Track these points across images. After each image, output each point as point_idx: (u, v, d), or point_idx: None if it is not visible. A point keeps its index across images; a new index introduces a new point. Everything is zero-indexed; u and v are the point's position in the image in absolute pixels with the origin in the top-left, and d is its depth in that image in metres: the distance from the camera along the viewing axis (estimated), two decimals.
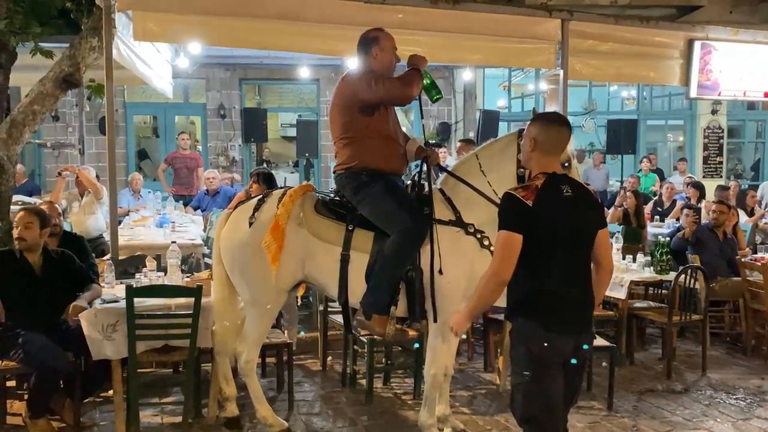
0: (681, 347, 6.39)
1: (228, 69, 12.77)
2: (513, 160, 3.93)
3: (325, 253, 4.07)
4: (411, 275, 3.94)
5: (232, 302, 4.40)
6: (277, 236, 4.03)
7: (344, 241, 4.02)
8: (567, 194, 2.94)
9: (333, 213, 4.13)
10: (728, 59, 7.40)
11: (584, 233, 2.99)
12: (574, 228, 2.93)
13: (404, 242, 3.90)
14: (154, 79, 7.53)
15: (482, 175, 4.01)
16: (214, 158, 12.77)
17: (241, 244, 4.19)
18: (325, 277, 4.13)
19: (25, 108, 5.59)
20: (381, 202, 3.99)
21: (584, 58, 6.74)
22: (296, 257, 4.10)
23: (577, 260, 2.98)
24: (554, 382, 2.89)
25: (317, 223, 4.11)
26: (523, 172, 3.83)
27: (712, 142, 14.39)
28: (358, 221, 4.05)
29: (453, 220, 3.98)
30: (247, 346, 4.28)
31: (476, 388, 5.33)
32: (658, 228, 8.67)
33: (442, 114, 13.43)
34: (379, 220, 4.00)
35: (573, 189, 2.97)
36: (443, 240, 3.93)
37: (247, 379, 4.32)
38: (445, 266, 3.92)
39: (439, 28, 6.09)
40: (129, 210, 8.61)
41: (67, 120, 12.12)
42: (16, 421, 4.51)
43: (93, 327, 4.25)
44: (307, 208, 4.15)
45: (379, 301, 3.96)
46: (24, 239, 4.47)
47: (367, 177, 4.04)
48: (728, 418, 4.82)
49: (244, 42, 6.00)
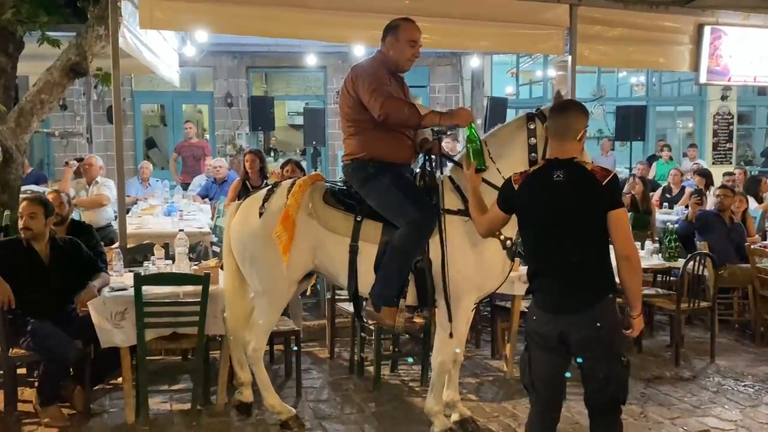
0: (689, 334, 6.38)
1: (235, 57, 12.76)
2: (524, 146, 3.86)
3: (334, 243, 4.05)
4: (420, 266, 3.92)
5: (242, 293, 4.41)
6: (288, 226, 4.01)
7: (353, 232, 4.00)
8: (557, 179, 3.00)
9: (341, 203, 4.10)
10: (739, 44, 7.34)
11: (572, 217, 2.99)
12: (556, 212, 2.99)
13: (412, 235, 3.86)
14: (161, 67, 7.52)
15: (491, 162, 3.93)
16: (221, 147, 12.79)
17: (252, 234, 4.18)
18: (335, 267, 4.11)
19: (33, 97, 5.60)
20: (388, 195, 3.96)
21: (593, 43, 6.69)
22: (306, 247, 4.09)
23: (561, 243, 3.00)
24: (542, 356, 3.08)
25: (326, 213, 4.09)
26: (536, 157, 3.79)
27: (722, 128, 14.29)
28: (366, 212, 4.02)
29: (462, 209, 3.92)
30: (255, 335, 4.28)
31: (484, 375, 5.35)
32: (667, 215, 8.64)
33: (449, 101, 13.38)
34: (387, 213, 3.97)
35: (569, 173, 2.99)
36: (452, 230, 3.89)
37: (254, 367, 4.33)
38: (454, 256, 3.88)
39: (447, 14, 6.05)
40: (137, 199, 8.64)
41: (75, 109, 12.16)
42: (27, 408, 4.56)
43: (102, 315, 4.28)
44: (316, 199, 4.12)
45: (388, 293, 3.94)
46: (30, 229, 4.48)
47: (374, 168, 4.00)
48: (736, 405, 4.81)
49: (251, 29, 6.00)
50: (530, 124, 3.87)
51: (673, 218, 8.15)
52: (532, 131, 3.85)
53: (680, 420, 4.51)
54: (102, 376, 4.74)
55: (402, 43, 4.03)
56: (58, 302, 4.48)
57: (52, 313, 4.43)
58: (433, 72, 13.27)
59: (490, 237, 3.79)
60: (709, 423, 4.47)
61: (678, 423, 4.46)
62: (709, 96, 14.19)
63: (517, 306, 5.25)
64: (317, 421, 4.47)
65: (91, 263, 4.68)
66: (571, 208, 3.00)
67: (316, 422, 4.45)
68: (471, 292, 3.99)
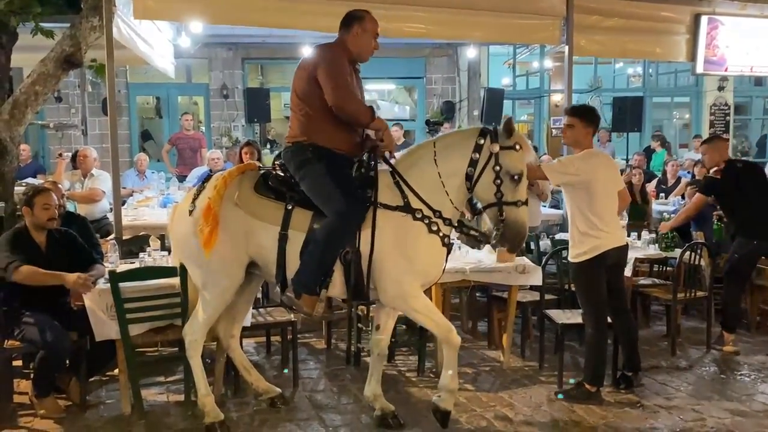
0: (685, 324, 6.38)
1: (230, 48, 12.72)
2: (465, 157, 3.85)
3: (264, 232, 3.94)
4: (349, 258, 3.85)
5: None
6: (209, 220, 3.92)
7: (283, 221, 3.91)
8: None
9: (273, 191, 4.00)
10: (735, 34, 7.35)
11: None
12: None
13: (337, 226, 3.79)
14: (156, 58, 7.49)
15: (434, 164, 3.90)
16: (217, 138, 12.76)
17: (184, 233, 4.11)
18: (265, 256, 4.01)
19: (27, 88, 5.57)
20: (320, 181, 3.87)
21: (589, 33, 6.69)
22: (236, 238, 3.98)
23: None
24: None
25: (255, 202, 3.98)
26: (473, 171, 3.81)
27: (718, 119, 14.30)
28: (297, 199, 3.94)
29: (400, 205, 3.86)
30: (193, 329, 4.16)
31: (480, 366, 5.35)
32: (663, 205, 8.64)
33: (446, 92, 13.36)
34: (317, 199, 3.88)
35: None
36: (386, 225, 3.84)
37: (191, 360, 4.19)
38: (386, 250, 3.83)
39: (442, 4, 6.05)
40: (133, 190, 8.62)
41: (70, 101, 12.13)
42: (23, 400, 4.55)
43: (97, 306, 4.28)
44: (245, 188, 4.02)
45: (308, 280, 3.86)
46: (54, 218, 4.57)
47: (312, 153, 3.92)
48: (732, 394, 4.82)
49: (245, 20, 5.97)
50: (480, 139, 3.85)
51: (669, 208, 8.15)
52: (479, 146, 3.83)
53: (677, 409, 4.51)
54: (98, 367, 4.74)
55: (369, 34, 4.02)
56: (55, 293, 4.47)
57: (48, 305, 4.42)
58: (429, 63, 13.25)
59: (428, 233, 3.83)
60: (705, 412, 4.48)
61: (674, 412, 4.47)
62: (706, 87, 14.18)
63: (514, 296, 5.24)
64: (314, 411, 4.47)
65: (85, 255, 4.66)
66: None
67: (313, 412, 4.45)
68: (414, 284, 3.91)
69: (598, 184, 4.45)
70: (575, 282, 4.77)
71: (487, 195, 3.85)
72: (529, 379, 5.05)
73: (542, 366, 5.22)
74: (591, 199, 4.43)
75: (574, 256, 4.57)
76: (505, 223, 3.79)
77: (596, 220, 4.44)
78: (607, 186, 4.53)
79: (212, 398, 4.22)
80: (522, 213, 3.81)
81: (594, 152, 4.63)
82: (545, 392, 4.77)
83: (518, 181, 3.79)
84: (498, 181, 3.78)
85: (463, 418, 4.35)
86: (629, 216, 7.03)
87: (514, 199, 3.80)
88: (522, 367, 5.32)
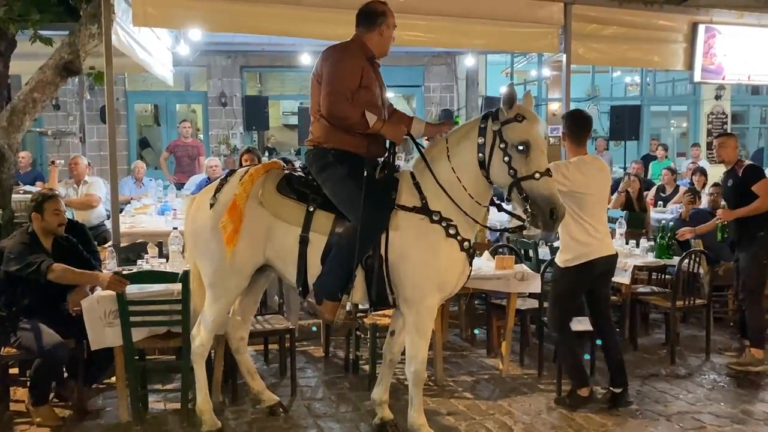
0: (684, 332, 6.37)
1: (229, 56, 12.75)
2: (474, 146, 3.70)
3: (284, 233, 3.87)
4: (371, 262, 3.76)
5: (204, 289, 4.23)
6: (234, 217, 3.86)
7: (304, 222, 3.84)
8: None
9: (295, 192, 3.94)
10: (733, 43, 7.36)
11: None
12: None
13: (360, 233, 3.68)
14: (155, 66, 7.50)
15: (447, 160, 3.78)
16: (215, 146, 12.77)
17: (203, 225, 4.04)
18: (284, 258, 3.94)
19: (26, 96, 5.57)
20: (343, 186, 3.80)
21: (587, 42, 6.71)
22: (256, 238, 3.92)
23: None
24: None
25: (278, 202, 3.92)
26: (483, 157, 3.68)
27: (716, 127, 14.33)
28: (319, 202, 3.87)
29: (418, 206, 3.75)
30: (200, 330, 4.13)
31: (479, 374, 5.33)
32: (661, 213, 8.65)
33: (444, 101, 13.39)
34: (340, 204, 3.81)
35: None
36: (406, 227, 3.75)
37: (195, 365, 4.15)
38: (407, 254, 3.74)
39: (441, 12, 6.05)
40: (131, 198, 8.61)
41: (68, 109, 12.13)
42: (20, 408, 4.52)
43: (95, 313, 4.24)
44: (268, 187, 3.95)
45: (330, 286, 3.80)
46: (64, 224, 4.58)
47: (333, 157, 3.85)
48: (732, 402, 4.81)
49: (245, 27, 5.97)
50: (482, 123, 3.72)
51: (668, 216, 8.16)
52: (482, 130, 3.69)
53: (676, 417, 4.50)
54: (97, 375, 4.70)
55: (391, 29, 3.93)
56: (57, 298, 4.46)
57: (46, 311, 4.40)
58: (427, 71, 13.29)
59: (445, 237, 3.72)
60: (704, 420, 4.46)
61: (674, 420, 4.45)
62: (703, 95, 14.23)
63: (513, 304, 5.23)
64: (312, 419, 4.45)
65: (85, 262, 4.65)
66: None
67: (311, 421, 4.43)
68: (433, 292, 3.82)
69: (589, 191, 4.40)
70: (554, 283, 4.66)
71: (502, 178, 3.64)
72: (528, 387, 5.04)
73: (541, 374, 5.21)
74: (582, 206, 4.39)
75: (563, 261, 4.52)
76: (530, 201, 3.56)
77: (588, 227, 4.40)
78: (598, 193, 4.50)
79: (211, 406, 4.19)
80: (543, 184, 3.54)
81: (587, 159, 4.53)
82: (544, 400, 4.75)
83: (525, 151, 3.54)
84: (506, 158, 3.58)
85: (462, 426, 4.33)
86: (627, 224, 7.02)
87: (530, 172, 3.55)
88: (521, 375, 5.30)
